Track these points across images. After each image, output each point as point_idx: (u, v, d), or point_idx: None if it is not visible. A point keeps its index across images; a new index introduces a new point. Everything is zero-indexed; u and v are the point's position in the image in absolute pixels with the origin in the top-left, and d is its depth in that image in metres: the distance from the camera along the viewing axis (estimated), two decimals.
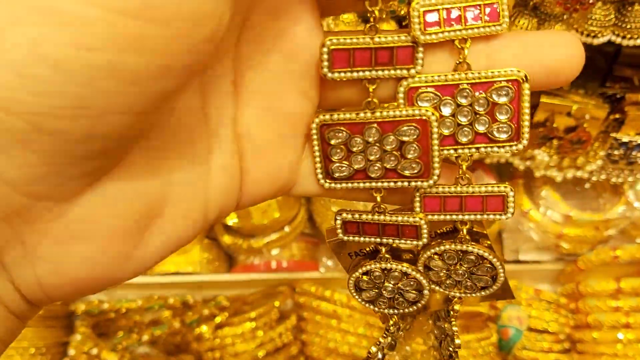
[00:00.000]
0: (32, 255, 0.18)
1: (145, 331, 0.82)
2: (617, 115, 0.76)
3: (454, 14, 0.19)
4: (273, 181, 0.22)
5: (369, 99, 0.20)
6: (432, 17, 0.19)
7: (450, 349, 0.27)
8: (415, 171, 0.21)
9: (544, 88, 0.20)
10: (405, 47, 0.19)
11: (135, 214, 0.19)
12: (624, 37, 0.64)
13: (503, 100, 0.20)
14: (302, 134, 0.22)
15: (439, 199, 0.22)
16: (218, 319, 0.84)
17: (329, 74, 0.19)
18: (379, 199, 0.22)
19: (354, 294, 0.25)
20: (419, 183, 0.21)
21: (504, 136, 0.20)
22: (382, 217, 0.22)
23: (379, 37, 0.19)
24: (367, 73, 0.19)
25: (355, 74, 0.19)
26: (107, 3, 0.14)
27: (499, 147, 0.21)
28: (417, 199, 0.22)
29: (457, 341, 0.26)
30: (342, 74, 0.19)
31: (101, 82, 0.15)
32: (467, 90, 0.20)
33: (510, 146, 0.21)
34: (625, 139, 0.76)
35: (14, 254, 0.18)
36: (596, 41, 0.63)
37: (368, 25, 0.19)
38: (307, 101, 0.21)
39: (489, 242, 0.24)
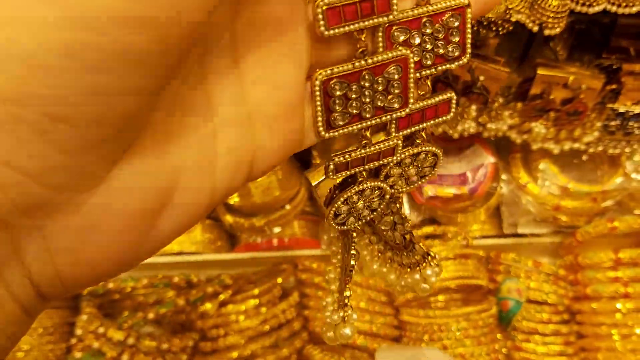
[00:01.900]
0: (53, 248, 0.19)
1: (150, 310, 0.83)
2: (613, 86, 0.76)
3: None
4: (286, 149, 0.23)
5: (362, 49, 0.22)
6: None
7: (404, 232, 0.30)
8: (397, 105, 0.24)
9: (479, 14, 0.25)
10: None
11: (149, 200, 0.20)
12: (619, 5, 0.64)
13: (455, 24, 0.23)
14: (302, 99, 0.23)
15: (408, 117, 0.25)
16: (222, 297, 0.85)
17: (326, 32, 0.21)
18: (369, 134, 0.25)
19: (332, 222, 0.27)
20: (398, 114, 0.24)
21: (457, 54, 0.24)
22: (368, 149, 0.25)
23: None
24: (356, 25, 0.21)
25: (347, 28, 0.21)
26: None
27: (450, 63, 0.24)
28: (393, 123, 0.25)
29: (408, 223, 0.30)
30: (337, 30, 0.21)
31: (111, 64, 0.15)
32: (429, 21, 0.23)
33: (459, 61, 0.24)
34: (622, 110, 0.77)
35: (34, 248, 0.18)
36: (591, 10, 0.64)
37: None
38: (302, 69, 0.22)
39: (430, 143, 0.28)
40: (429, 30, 0.23)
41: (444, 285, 0.86)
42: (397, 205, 0.29)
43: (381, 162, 0.26)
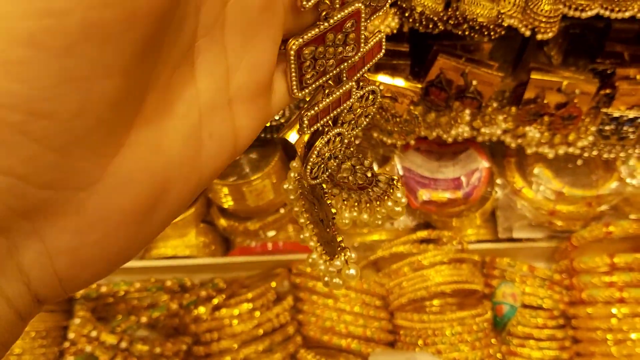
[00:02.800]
0: (53, 251, 0.18)
1: (144, 313, 0.83)
2: (607, 91, 0.76)
3: None
4: (261, 122, 0.24)
5: (325, 12, 0.23)
6: None
7: (364, 170, 0.31)
8: (352, 53, 0.26)
9: None
10: None
11: (145, 195, 0.20)
12: (612, 10, 0.64)
13: None
14: (273, 73, 0.23)
15: (355, 66, 0.27)
16: (215, 301, 0.85)
17: (307, 4, 0.22)
18: (332, 82, 0.27)
19: (310, 178, 0.29)
20: (355, 57, 0.26)
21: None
22: (330, 97, 0.27)
23: None
24: None
25: None
26: None
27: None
28: (344, 74, 0.27)
29: (366, 162, 0.31)
30: (313, 0, 0.23)
31: (78, 47, 0.15)
32: None
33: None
34: (616, 114, 0.76)
35: (32, 253, 0.18)
36: (584, 15, 0.63)
37: None
38: (277, 45, 0.23)
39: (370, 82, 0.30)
40: None
41: (439, 289, 0.86)
42: (351, 149, 0.31)
43: (342, 107, 0.28)
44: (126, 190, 0.19)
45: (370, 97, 0.30)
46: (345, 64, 0.26)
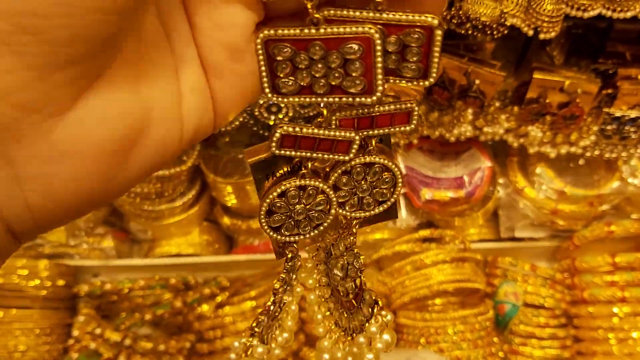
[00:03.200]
0: (21, 177, 0.18)
1: (147, 311, 0.84)
2: (609, 90, 0.76)
3: None
4: (243, 92, 0.23)
5: (311, 16, 0.20)
6: None
7: (355, 273, 0.28)
8: (359, 88, 0.21)
9: None
10: None
11: (119, 134, 0.20)
12: (614, 10, 0.64)
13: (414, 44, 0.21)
14: (251, 41, 0.22)
15: (352, 120, 0.23)
16: (219, 299, 0.85)
17: None
18: (325, 112, 0.23)
19: (263, 220, 0.25)
20: (362, 99, 0.21)
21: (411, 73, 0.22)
22: (321, 131, 0.23)
23: None
24: None
25: None
26: None
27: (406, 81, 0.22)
28: (334, 119, 0.23)
29: (357, 262, 0.28)
30: None
31: None
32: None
33: (418, 82, 0.22)
34: (618, 114, 0.77)
35: (1, 177, 0.18)
36: (586, 14, 0.64)
37: None
38: (253, 12, 0.21)
39: (388, 158, 0.25)
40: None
41: (441, 288, 0.86)
42: (352, 238, 0.27)
43: (333, 155, 0.23)
44: (100, 124, 0.19)
45: (386, 177, 0.25)
46: (350, 99, 0.21)
